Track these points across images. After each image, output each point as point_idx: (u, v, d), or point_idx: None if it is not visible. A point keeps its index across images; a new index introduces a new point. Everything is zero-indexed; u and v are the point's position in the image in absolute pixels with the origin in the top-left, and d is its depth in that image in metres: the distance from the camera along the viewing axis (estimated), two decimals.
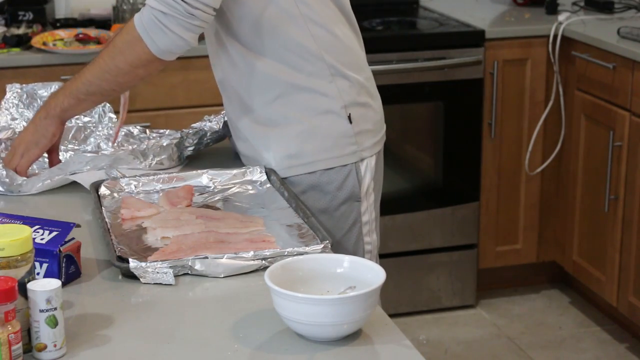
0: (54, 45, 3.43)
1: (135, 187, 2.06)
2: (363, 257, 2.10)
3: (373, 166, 2.13)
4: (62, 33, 3.52)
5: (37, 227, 1.66)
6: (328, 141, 2.07)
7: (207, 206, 1.99)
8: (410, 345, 1.51)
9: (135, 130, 2.19)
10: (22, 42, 3.42)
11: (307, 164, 2.07)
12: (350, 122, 2.08)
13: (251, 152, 2.13)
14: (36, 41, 3.42)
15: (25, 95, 2.26)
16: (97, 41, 3.45)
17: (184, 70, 3.48)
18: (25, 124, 2.22)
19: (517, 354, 3.62)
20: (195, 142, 2.23)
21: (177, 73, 3.48)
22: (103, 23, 3.67)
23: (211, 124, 2.27)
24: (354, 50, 2.12)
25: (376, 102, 2.18)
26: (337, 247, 2.01)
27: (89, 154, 2.12)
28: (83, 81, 2.02)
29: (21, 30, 3.50)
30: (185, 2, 1.90)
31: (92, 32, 3.53)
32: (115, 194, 2.03)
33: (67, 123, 2.22)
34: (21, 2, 3.61)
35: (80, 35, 3.48)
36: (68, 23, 3.68)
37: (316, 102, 2.06)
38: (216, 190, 2.07)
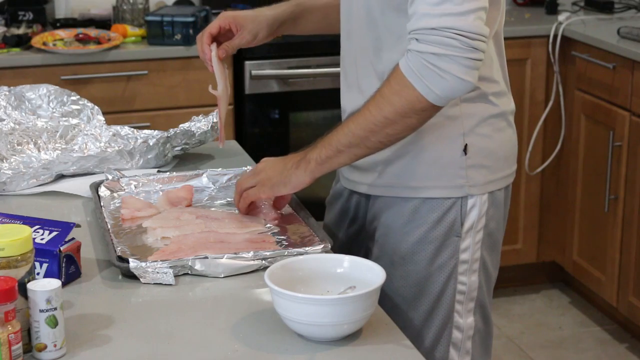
0: (54, 45, 3.43)
1: (135, 187, 2.06)
2: (453, 297, 1.91)
3: (484, 203, 1.89)
4: (62, 33, 3.52)
5: (37, 227, 1.66)
6: (434, 168, 1.86)
7: (207, 206, 1.99)
8: (411, 345, 1.51)
9: (124, 130, 2.19)
10: (22, 42, 3.42)
11: (407, 187, 1.88)
12: (465, 153, 1.86)
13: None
14: (36, 41, 3.42)
15: (13, 98, 2.25)
16: (97, 41, 3.45)
17: (184, 70, 3.48)
18: (13, 125, 2.21)
19: (517, 354, 3.62)
20: (183, 142, 2.22)
21: (177, 73, 3.49)
22: (103, 23, 3.67)
23: (200, 124, 2.25)
24: (494, 73, 1.89)
25: (504, 137, 1.92)
26: (424, 283, 1.89)
27: (75, 154, 2.12)
28: (345, 132, 1.77)
29: (21, 30, 3.50)
30: (463, 34, 1.64)
31: (92, 32, 3.53)
32: (115, 194, 2.03)
33: (53, 122, 2.22)
34: (21, 2, 3.61)
35: (80, 35, 3.48)
36: (68, 23, 3.68)
37: (433, 122, 1.81)
38: (216, 190, 2.07)
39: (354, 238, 2.03)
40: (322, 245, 1.74)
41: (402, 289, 1.90)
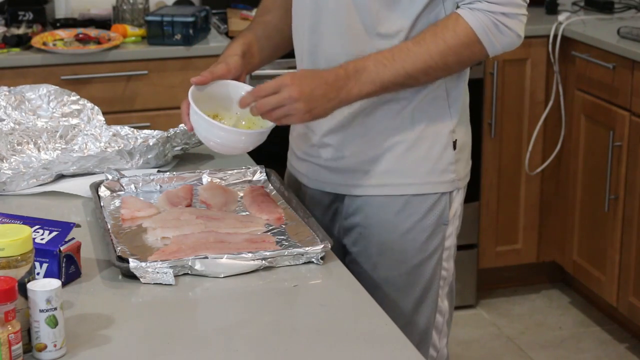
0: (54, 45, 3.43)
1: (135, 187, 2.06)
2: (438, 283, 1.97)
3: (464, 190, 2.00)
4: (62, 33, 3.52)
5: (37, 227, 1.66)
6: (425, 164, 1.92)
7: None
8: (410, 345, 1.51)
9: (123, 130, 2.19)
10: (22, 42, 3.42)
11: (399, 185, 1.92)
12: (455, 148, 1.94)
13: (331, 162, 1.97)
14: (36, 41, 3.42)
15: (13, 98, 2.25)
16: (97, 41, 3.45)
17: (184, 70, 3.48)
18: (13, 125, 2.20)
19: (517, 354, 3.62)
20: (183, 142, 2.23)
21: (177, 73, 3.48)
22: (103, 23, 3.67)
23: None
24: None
25: (468, 126, 2.01)
26: (416, 271, 1.92)
27: (75, 154, 2.12)
28: (400, 73, 1.81)
29: (21, 30, 3.50)
30: None
31: (92, 32, 3.53)
32: (115, 194, 2.03)
33: (53, 122, 2.22)
34: (21, 2, 3.61)
35: (80, 35, 3.48)
36: (68, 23, 3.67)
37: (425, 117, 1.91)
38: None
39: (343, 232, 2.03)
40: (322, 245, 1.74)
41: (393, 278, 1.93)
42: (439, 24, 1.83)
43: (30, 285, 1.43)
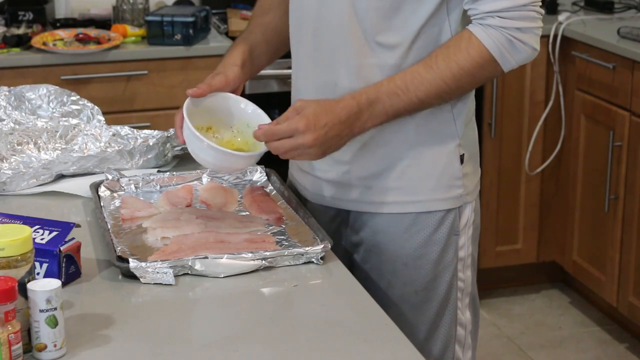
0: (54, 45, 3.43)
1: (135, 187, 2.06)
2: (456, 295, 1.92)
3: (475, 201, 1.94)
4: (62, 33, 3.52)
5: (37, 227, 1.66)
6: (430, 180, 1.87)
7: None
8: (411, 345, 1.51)
9: (123, 130, 2.19)
10: (22, 42, 3.42)
11: (403, 203, 1.87)
12: (462, 162, 1.88)
13: (332, 175, 1.93)
14: (36, 41, 3.42)
15: (13, 98, 2.25)
16: (97, 41, 3.45)
17: (184, 70, 3.49)
18: (13, 125, 2.20)
19: (517, 354, 3.62)
20: None
21: (177, 73, 3.49)
22: (103, 23, 3.67)
23: None
24: None
25: (475, 133, 1.96)
26: (431, 285, 1.89)
27: (75, 154, 2.12)
28: (414, 101, 1.77)
29: (21, 30, 3.50)
30: (538, 9, 1.76)
31: (92, 32, 3.53)
32: (115, 194, 2.03)
33: (53, 122, 2.21)
34: (21, 2, 3.61)
35: (80, 35, 3.48)
36: (68, 23, 3.68)
37: (428, 131, 1.85)
38: None
39: (350, 246, 2.00)
40: (322, 246, 1.74)
41: (409, 295, 1.89)
42: (450, 44, 1.77)
43: (30, 285, 1.43)
